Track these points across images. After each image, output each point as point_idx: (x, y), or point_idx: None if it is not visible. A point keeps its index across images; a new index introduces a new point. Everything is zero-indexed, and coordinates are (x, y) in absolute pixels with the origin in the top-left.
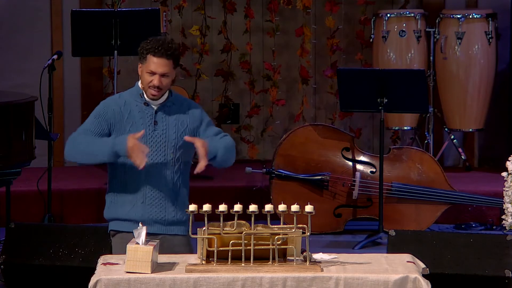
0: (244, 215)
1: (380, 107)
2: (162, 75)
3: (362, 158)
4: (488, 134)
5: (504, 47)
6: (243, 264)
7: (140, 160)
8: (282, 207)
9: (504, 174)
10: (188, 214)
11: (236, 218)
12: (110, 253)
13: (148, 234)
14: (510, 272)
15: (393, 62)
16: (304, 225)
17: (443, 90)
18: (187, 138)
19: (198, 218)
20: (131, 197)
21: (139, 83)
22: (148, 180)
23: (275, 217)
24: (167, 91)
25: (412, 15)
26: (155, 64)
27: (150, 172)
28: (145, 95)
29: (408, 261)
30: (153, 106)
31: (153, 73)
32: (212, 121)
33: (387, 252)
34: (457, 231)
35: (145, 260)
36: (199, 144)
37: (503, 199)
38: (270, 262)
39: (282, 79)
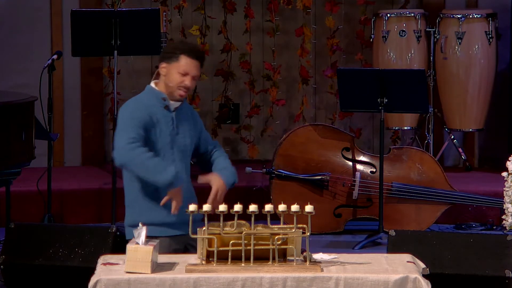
0: (244, 215)
1: (380, 107)
2: (193, 77)
3: (362, 158)
4: (488, 134)
5: (504, 47)
6: (243, 264)
7: (176, 207)
8: (282, 207)
9: (504, 174)
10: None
11: (236, 218)
12: (110, 253)
13: (181, 235)
14: (510, 272)
15: (393, 62)
16: (304, 225)
17: (443, 90)
18: (202, 179)
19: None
20: (168, 201)
21: (153, 84)
22: (178, 184)
23: (275, 217)
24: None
25: (412, 15)
26: (189, 65)
27: (180, 177)
28: (167, 99)
29: (408, 261)
30: (171, 110)
31: (185, 74)
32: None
33: (387, 252)
34: (457, 231)
35: (145, 260)
36: (217, 187)
37: (503, 199)
38: (270, 262)
39: (282, 79)
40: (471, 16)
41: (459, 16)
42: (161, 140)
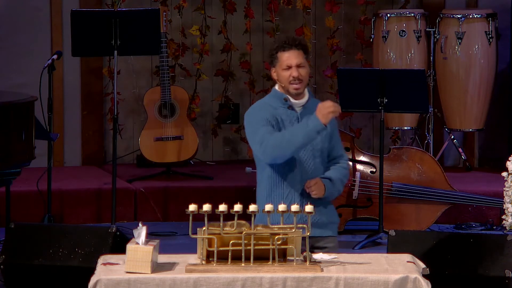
0: (244, 215)
1: (380, 107)
2: (298, 66)
3: (362, 158)
4: (488, 134)
5: (504, 47)
6: (243, 264)
7: (334, 107)
8: (282, 207)
9: (504, 174)
10: (336, 215)
11: (236, 218)
12: (110, 253)
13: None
14: (510, 272)
15: (393, 62)
16: (304, 225)
17: (443, 90)
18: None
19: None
20: (289, 201)
21: (277, 87)
22: (303, 184)
23: None
24: (308, 93)
25: (412, 15)
26: (288, 57)
27: (304, 177)
28: (290, 99)
29: (408, 261)
30: (296, 109)
31: (289, 67)
32: (337, 129)
33: (387, 252)
34: (457, 231)
35: (145, 260)
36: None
37: (503, 199)
38: (270, 262)
39: None
40: (471, 16)
41: (459, 16)
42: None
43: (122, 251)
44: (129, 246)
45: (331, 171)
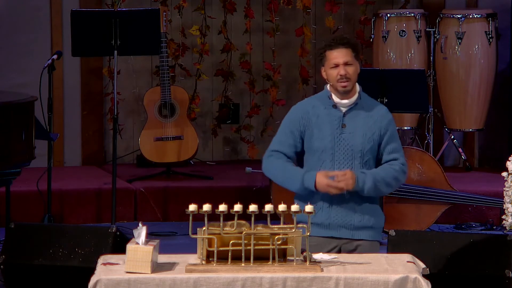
0: (244, 215)
1: None
2: (345, 64)
3: None
4: (488, 134)
5: (504, 47)
6: (243, 264)
7: (336, 188)
8: (282, 207)
9: (504, 174)
10: (377, 220)
11: (236, 218)
12: (110, 253)
13: (333, 238)
14: (510, 272)
15: (393, 62)
16: (304, 225)
17: (443, 90)
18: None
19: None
20: (318, 200)
21: (328, 86)
22: (311, 186)
23: (275, 217)
24: (357, 94)
25: (412, 15)
26: (335, 55)
27: (309, 179)
28: (333, 97)
29: (408, 261)
30: (342, 109)
31: (336, 66)
32: (397, 134)
33: (387, 252)
34: (457, 231)
35: (145, 260)
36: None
37: (503, 199)
38: (270, 262)
39: (282, 79)
40: (471, 16)
41: (459, 16)
42: (320, 139)
43: (122, 251)
44: (129, 246)
45: (374, 169)
